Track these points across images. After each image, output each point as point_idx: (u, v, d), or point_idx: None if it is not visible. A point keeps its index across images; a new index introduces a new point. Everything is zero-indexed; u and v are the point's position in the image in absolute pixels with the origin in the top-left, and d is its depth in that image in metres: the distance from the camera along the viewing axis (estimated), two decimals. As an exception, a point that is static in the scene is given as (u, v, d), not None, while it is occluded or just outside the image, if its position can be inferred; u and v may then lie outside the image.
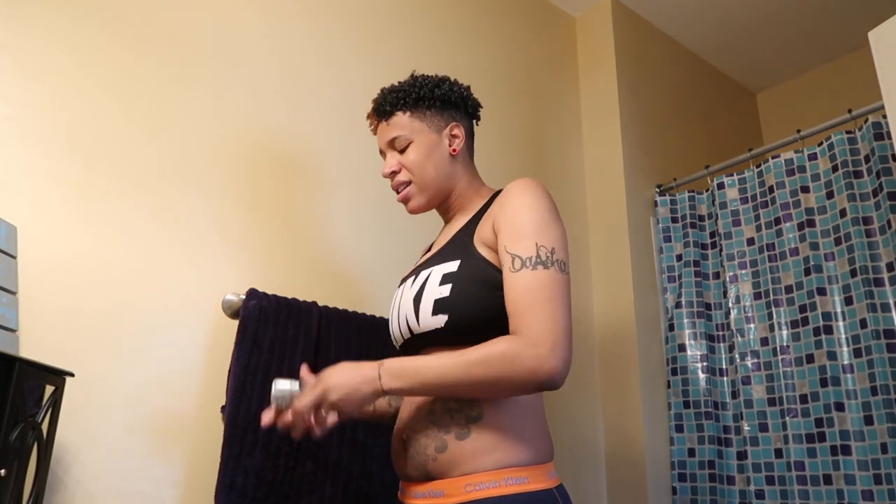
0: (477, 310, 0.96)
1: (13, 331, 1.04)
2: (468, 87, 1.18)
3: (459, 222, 1.14)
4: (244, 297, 1.29)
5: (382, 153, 1.17)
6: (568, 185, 2.23)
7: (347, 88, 1.71)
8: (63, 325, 1.15)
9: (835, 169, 1.75)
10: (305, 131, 1.60)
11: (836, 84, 2.72)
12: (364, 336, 1.42)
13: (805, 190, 1.82)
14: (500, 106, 2.10)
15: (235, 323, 1.29)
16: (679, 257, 2.10)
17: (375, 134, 1.18)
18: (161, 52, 1.41)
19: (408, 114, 1.12)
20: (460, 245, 1.05)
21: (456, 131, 1.15)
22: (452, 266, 1.00)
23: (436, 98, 1.13)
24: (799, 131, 1.89)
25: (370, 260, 1.62)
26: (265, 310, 1.29)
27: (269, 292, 1.34)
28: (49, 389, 0.98)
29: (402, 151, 1.12)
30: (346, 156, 1.66)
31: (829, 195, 1.76)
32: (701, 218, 2.11)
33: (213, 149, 1.43)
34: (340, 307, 1.47)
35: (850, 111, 1.75)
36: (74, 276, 1.19)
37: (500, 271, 0.97)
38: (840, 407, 1.62)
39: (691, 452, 1.88)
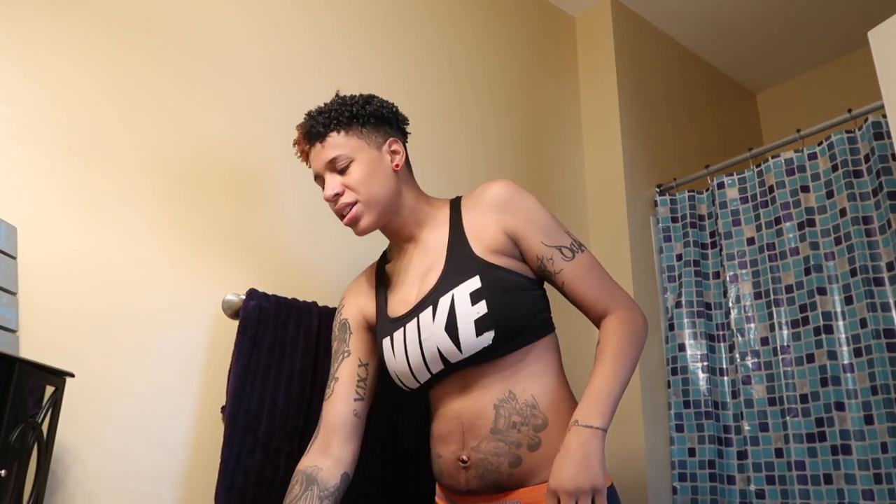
0: (517, 315, 0.99)
1: (13, 331, 1.04)
2: (394, 104, 1.17)
3: (432, 237, 1.11)
4: (244, 297, 1.29)
5: (318, 178, 1.11)
6: (568, 185, 2.23)
7: (345, 89, 1.71)
8: (63, 325, 1.15)
9: (835, 168, 1.75)
10: (305, 131, 1.59)
11: (836, 84, 2.72)
12: (364, 336, 1.42)
13: (805, 189, 1.82)
14: (500, 106, 2.10)
15: (235, 323, 1.29)
16: (679, 257, 2.10)
17: (306, 161, 1.13)
18: (161, 53, 1.41)
19: (342, 133, 1.08)
20: (467, 261, 1.03)
21: (395, 146, 1.12)
22: (475, 283, 0.99)
23: (368, 115, 1.10)
24: (799, 131, 1.89)
25: (371, 259, 1.62)
26: (265, 310, 1.29)
27: (269, 292, 1.34)
28: (49, 390, 0.98)
29: (342, 172, 1.08)
30: (346, 156, 1.66)
31: (829, 195, 1.76)
32: (701, 218, 2.11)
33: (213, 149, 1.43)
34: (340, 307, 1.47)
35: (849, 111, 1.75)
36: (74, 277, 1.19)
37: (517, 273, 1.02)
38: (840, 406, 1.62)
39: (691, 452, 1.88)
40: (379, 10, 1.85)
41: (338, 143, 1.08)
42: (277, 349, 1.29)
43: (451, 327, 0.98)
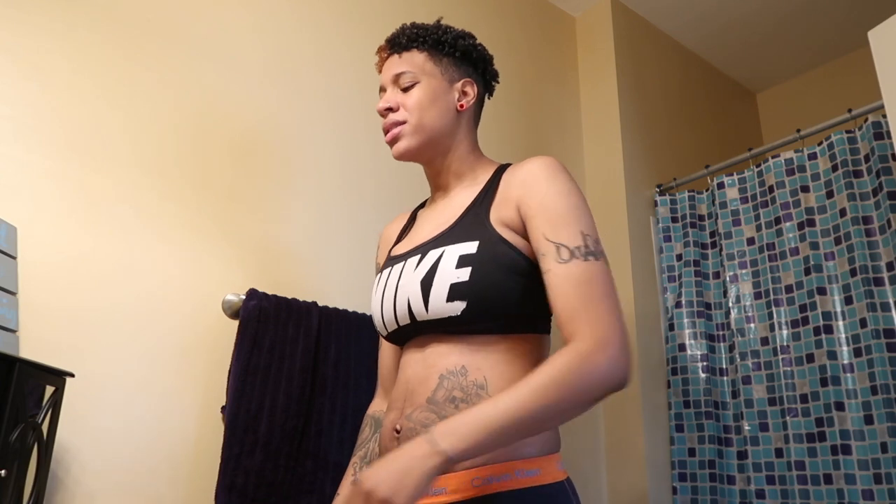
0: (497, 297, 0.88)
1: (13, 331, 1.04)
2: (492, 57, 1.11)
3: (462, 194, 1.04)
4: (244, 297, 1.29)
5: (382, 90, 1.06)
6: (568, 184, 2.23)
7: (345, 89, 1.71)
8: (63, 325, 1.15)
9: (835, 168, 1.75)
10: (306, 132, 1.60)
11: (836, 84, 2.72)
12: (364, 336, 1.42)
13: (805, 189, 1.82)
14: (499, 106, 2.10)
15: (235, 323, 1.29)
16: (679, 257, 2.10)
17: (380, 71, 1.08)
18: (160, 53, 1.41)
19: (424, 53, 1.04)
20: (476, 223, 0.94)
21: (468, 88, 1.06)
22: (470, 247, 0.90)
23: (457, 48, 1.06)
24: (799, 131, 1.89)
25: (371, 259, 1.62)
26: (265, 310, 1.29)
27: (269, 292, 1.34)
28: (49, 390, 0.98)
29: (405, 91, 1.02)
30: (347, 157, 1.66)
31: (829, 195, 1.76)
32: (701, 217, 2.11)
33: (214, 148, 1.43)
34: (340, 307, 1.47)
35: (849, 111, 1.75)
36: (74, 277, 1.19)
37: (523, 255, 0.90)
38: (840, 406, 1.62)
39: (691, 452, 1.88)
40: (379, 10, 1.85)
41: (413, 61, 1.04)
42: (277, 349, 1.29)
43: (427, 283, 0.90)
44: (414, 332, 0.96)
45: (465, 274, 0.88)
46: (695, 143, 2.54)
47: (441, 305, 0.89)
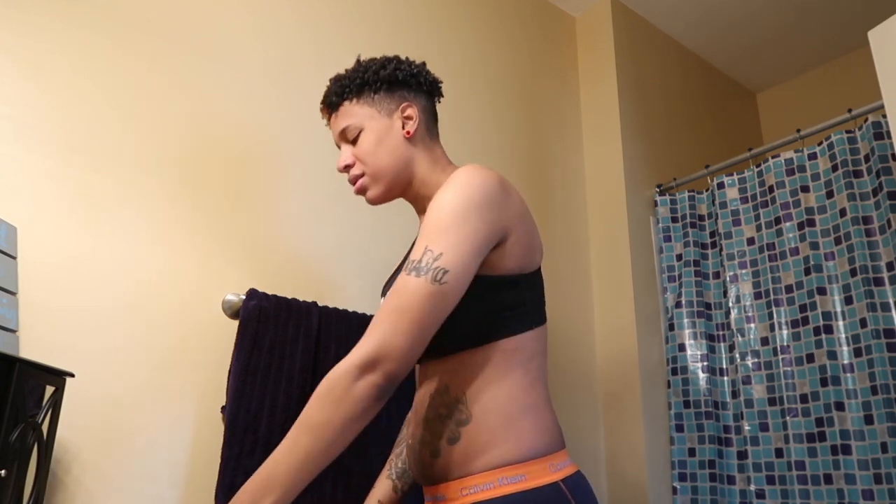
0: (464, 319, 0.90)
1: (13, 331, 1.04)
2: (422, 64, 1.10)
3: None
4: (244, 297, 1.29)
5: (339, 147, 1.10)
6: (568, 185, 2.23)
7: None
8: (63, 325, 1.15)
9: (835, 168, 1.75)
10: (306, 132, 1.59)
11: (836, 84, 2.72)
12: (364, 336, 1.42)
13: (805, 189, 1.82)
14: (499, 106, 2.10)
15: (235, 323, 1.29)
16: (679, 257, 2.10)
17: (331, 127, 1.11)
18: (160, 53, 1.41)
19: (354, 101, 1.06)
20: None
21: (409, 112, 1.06)
22: None
23: (382, 80, 1.06)
24: (799, 131, 1.89)
25: (371, 259, 1.62)
26: (265, 310, 1.29)
27: (269, 292, 1.34)
28: (49, 390, 0.98)
29: (354, 142, 1.06)
30: (346, 156, 1.66)
31: (829, 195, 1.76)
32: (701, 218, 2.11)
33: (213, 148, 1.43)
34: (340, 307, 1.47)
35: (849, 111, 1.75)
36: (74, 277, 1.19)
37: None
38: (840, 406, 1.62)
39: (691, 452, 1.88)
40: (378, 10, 1.85)
41: (349, 113, 1.06)
42: (277, 349, 1.29)
43: None
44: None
45: None
46: (695, 143, 2.54)
47: None
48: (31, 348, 1.09)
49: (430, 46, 1.95)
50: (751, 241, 1.94)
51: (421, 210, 1.10)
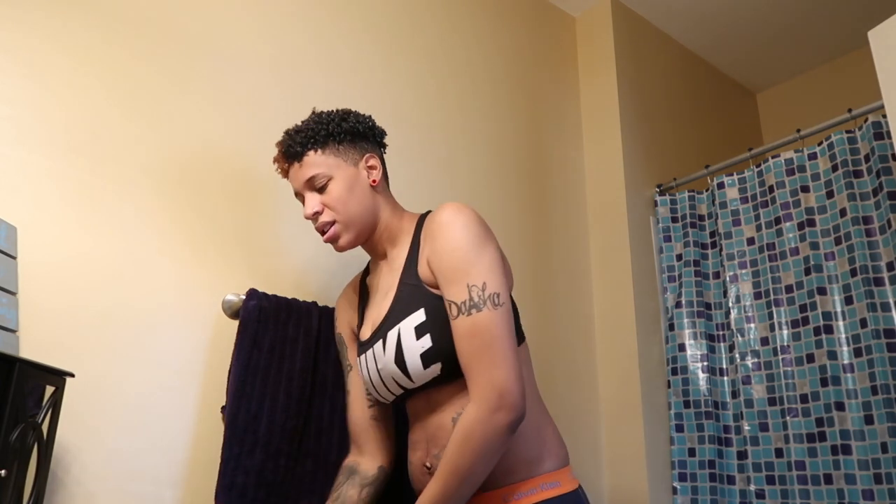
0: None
1: (13, 331, 1.04)
2: (370, 117, 1.18)
3: (396, 260, 1.12)
4: (244, 297, 1.29)
5: (299, 196, 1.14)
6: (568, 185, 2.23)
7: (344, 88, 1.71)
8: (63, 325, 1.15)
9: (835, 168, 1.75)
10: (305, 131, 1.59)
11: (836, 84, 2.72)
12: (364, 336, 1.42)
13: (805, 189, 1.82)
14: (499, 106, 2.10)
15: (235, 323, 1.29)
16: (679, 257, 2.10)
17: (286, 177, 1.16)
18: (160, 52, 1.41)
19: (320, 151, 1.10)
20: (415, 292, 1.03)
21: (372, 162, 1.13)
22: (419, 316, 1.00)
23: (345, 132, 1.11)
24: (799, 131, 1.89)
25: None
26: (265, 310, 1.29)
27: (269, 292, 1.34)
28: (49, 390, 0.98)
29: (320, 190, 1.10)
30: (346, 156, 1.66)
31: (829, 195, 1.76)
32: (701, 217, 2.11)
33: (213, 148, 1.43)
34: (340, 307, 1.47)
35: (849, 111, 1.75)
36: (74, 277, 1.19)
37: None
38: (840, 406, 1.62)
39: (691, 452, 1.88)
40: (378, 10, 1.85)
41: (315, 162, 1.09)
42: (277, 349, 1.29)
43: (400, 361, 1.00)
44: (409, 396, 1.07)
45: (427, 341, 0.98)
46: (695, 143, 2.54)
47: (422, 374, 0.99)
48: (31, 348, 1.09)
49: (430, 47, 1.95)
50: (751, 241, 1.94)
51: (379, 255, 1.17)
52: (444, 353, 0.97)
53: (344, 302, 1.28)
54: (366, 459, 1.18)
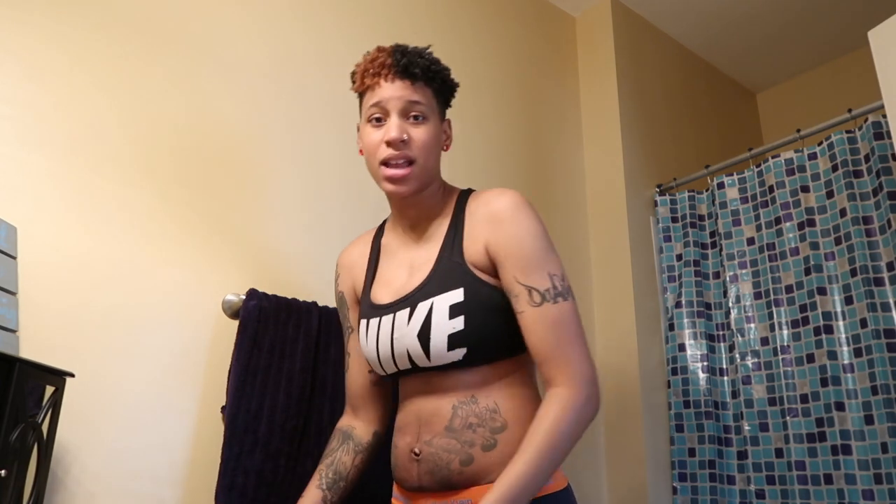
0: (492, 339, 0.95)
1: (13, 331, 1.04)
2: None
3: (432, 229, 1.06)
4: (244, 297, 1.29)
5: (381, 109, 1.00)
6: (568, 185, 2.23)
7: (345, 88, 1.71)
8: (63, 325, 1.15)
9: (835, 168, 1.75)
10: (307, 131, 1.59)
11: (836, 84, 2.72)
12: (364, 336, 1.42)
13: (805, 189, 1.82)
14: (499, 106, 2.10)
15: (235, 323, 1.29)
16: (679, 257, 2.10)
17: (371, 84, 1.02)
18: (160, 53, 1.41)
19: (430, 91, 1.03)
20: (456, 269, 0.98)
21: (447, 129, 1.09)
22: (457, 295, 0.95)
23: (450, 88, 1.08)
24: (799, 131, 1.89)
25: (370, 260, 1.61)
26: (265, 310, 1.29)
27: (269, 292, 1.34)
28: (49, 390, 0.98)
29: (411, 123, 1.00)
30: (347, 156, 1.66)
31: (829, 195, 1.76)
32: (701, 218, 2.11)
33: (213, 149, 1.43)
34: (340, 307, 1.47)
35: (849, 111, 1.75)
36: (74, 277, 1.19)
37: (500, 292, 0.96)
38: (840, 406, 1.62)
39: (691, 452, 1.88)
40: (378, 10, 1.85)
41: (425, 94, 1.01)
42: (277, 349, 1.29)
43: (424, 336, 0.96)
44: (410, 373, 1.02)
45: (459, 323, 0.94)
46: (695, 143, 2.54)
47: (443, 355, 0.95)
48: (31, 348, 1.09)
49: (422, 38, 1.94)
50: (751, 241, 1.94)
51: (409, 219, 1.08)
52: (471, 340, 0.93)
53: (351, 260, 1.19)
54: (361, 424, 1.14)
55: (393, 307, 1.02)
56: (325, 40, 1.70)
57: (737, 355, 1.88)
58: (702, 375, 1.93)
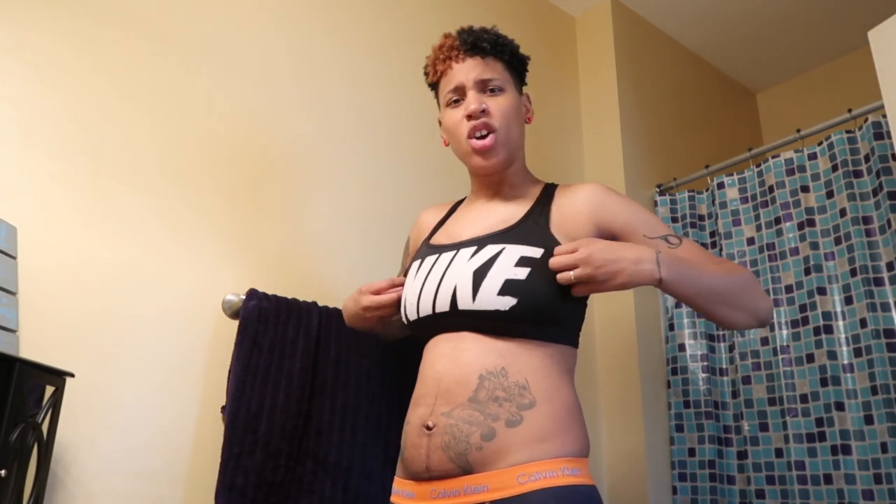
0: (546, 303, 0.92)
1: (13, 331, 1.04)
2: None
3: (513, 203, 1.06)
4: (244, 297, 1.29)
5: (458, 90, 1.05)
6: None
7: (349, 88, 1.71)
8: (63, 325, 1.15)
9: (835, 168, 1.75)
10: (308, 132, 1.60)
11: (836, 84, 2.72)
12: (365, 336, 1.42)
13: (805, 189, 1.81)
14: (500, 106, 2.10)
15: (235, 323, 1.29)
16: (679, 257, 2.10)
17: (444, 74, 1.07)
18: (161, 53, 1.41)
19: (502, 64, 1.07)
20: (538, 231, 0.98)
21: (527, 102, 1.13)
22: (534, 251, 0.94)
23: (521, 61, 1.12)
24: (799, 131, 1.89)
25: (371, 260, 1.62)
26: (265, 310, 1.29)
27: (269, 292, 1.34)
28: (49, 390, 0.98)
29: (490, 96, 1.04)
30: (348, 157, 1.66)
31: (829, 195, 1.76)
32: (701, 218, 2.11)
33: (214, 149, 1.43)
34: (340, 307, 1.47)
35: (849, 111, 1.75)
36: (75, 277, 1.19)
37: None
38: (840, 406, 1.62)
39: (691, 452, 1.88)
40: (378, 10, 1.85)
41: (496, 69, 1.06)
42: (277, 349, 1.29)
43: (481, 273, 0.92)
44: (444, 326, 0.96)
45: (522, 273, 0.91)
46: (695, 143, 2.53)
47: (490, 297, 0.91)
48: (31, 348, 1.09)
49: (427, 47, 1.94)
50: (751, 241, 1.94)
51: (492, 192, 1.10)
52: (527, 294, 0.90)
53: (427, 215, 1.23)
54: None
55: (457, 245, 1.01)
56: (327, 42, 1.70)
57: (737, 355, 1.87)
58: (702, 375, 1.93)
